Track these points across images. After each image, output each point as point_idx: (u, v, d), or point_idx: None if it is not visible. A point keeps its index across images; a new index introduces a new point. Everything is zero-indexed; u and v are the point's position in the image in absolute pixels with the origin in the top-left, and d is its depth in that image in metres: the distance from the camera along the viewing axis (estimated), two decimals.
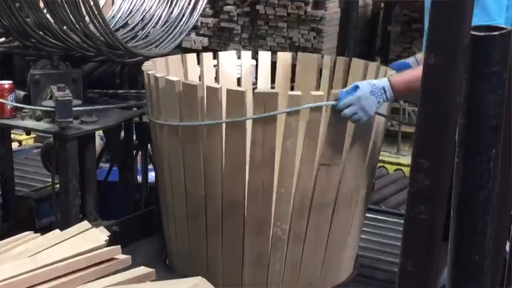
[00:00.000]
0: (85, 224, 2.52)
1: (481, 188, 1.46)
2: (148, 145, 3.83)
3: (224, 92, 2.88)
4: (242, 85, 3.60)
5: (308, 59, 3.64)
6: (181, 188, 3.11)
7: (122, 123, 3.59)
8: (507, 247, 1.86)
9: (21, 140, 5.97)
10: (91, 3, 3.19)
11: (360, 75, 3.39)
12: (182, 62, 3.49)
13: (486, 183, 1.46)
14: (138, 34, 3.82)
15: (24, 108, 3.30)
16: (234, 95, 2.87)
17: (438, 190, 1.57)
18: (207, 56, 3.58)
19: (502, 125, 1.46)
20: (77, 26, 3.28)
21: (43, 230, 2.73)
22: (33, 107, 3.29)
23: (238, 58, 3.65)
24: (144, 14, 3.93)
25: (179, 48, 3.94)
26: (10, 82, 3.35)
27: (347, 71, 3.48)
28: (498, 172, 1.48)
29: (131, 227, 3.66)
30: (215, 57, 3.62)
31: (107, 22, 3.37)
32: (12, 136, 4.08)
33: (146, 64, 3.27)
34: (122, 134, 3.82)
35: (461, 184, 1.48)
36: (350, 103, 2.85)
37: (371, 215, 4.49)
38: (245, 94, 2.86)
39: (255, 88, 3.56)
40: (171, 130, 3.05)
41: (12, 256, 2.34)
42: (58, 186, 3.40)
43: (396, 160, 5.86)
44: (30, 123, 3.31)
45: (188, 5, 3.88)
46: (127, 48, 3.46)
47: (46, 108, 3.21)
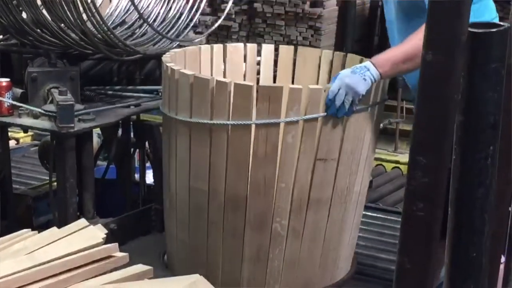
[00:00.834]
0: (82, 222, 2.52)
1: (479, 185, 1.46)
2: (146, 143, 3.83)
3: (232, 86, 2.88)
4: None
5: (308, 53, 3.66)
6: (185, 183, 3.12)
7: (120, 121, 3.58)
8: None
9: (18, 138, 5.95)
10: (89, 1, 3.19)
11: None
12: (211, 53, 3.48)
13: (484, 180, 1.46)
14: (136, 32, 3.82)
15: (24, 107, 3.29)
16: (242, 89, 2.88)
17: (435, 187, 1.57)
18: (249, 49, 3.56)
19: (500, 122, 1.46)
20: (74, 24, 3.27)
21: (41, 228, 2.72)
22: (33, 108, 3.27)
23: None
24: (142, 12, 3.92)
25: (178, 46, 3.93)
26: (8, 80, 3.34)
27: (344, 66, 3.49)
28: (496, 169, 1.48)
29: (129, 225, 3.66)
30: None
31: (104, 19, 3.36)
32: (9, 134, 4.07)
33: (167, 55, 3.25)
34: (120, 132, 3.82)
35: (459, 182, 1.48)
36: (336, 88, 2.85)
37: (369, 213, 4.49)
38: (252, 88, 2.87)
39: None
40: (182, 124, 3.06)
41: (9, 253, 2.34)
42: (55, 184, 3.40)
43: (394, 158, 5.85)
44: (28, 121, 3.31)
45: (186, 3, 3.88)
46: (125, 46, 3.45)
47: (47, 113, 3.20)
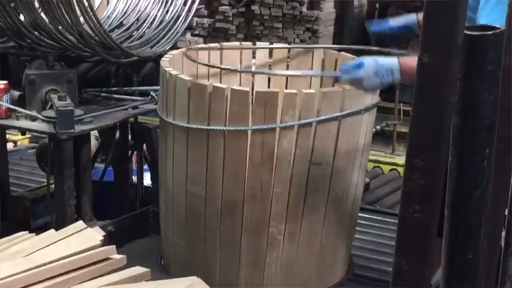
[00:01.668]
0: (80, 224, 2.52)
1: (475, 187, 1.47)
2: (144, 145, 3.83)
3: (228, 92, 2.89)
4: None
5: (301, 54, 3.67)
6: (182, 188, 3.12)
7: (117, 124, 3.58)
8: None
9: (16, 140, 5.95)
10: (85, 4, 3.19)
11: None
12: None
13: (480, 182, 1.47)
14: (133, 34, 3.82)
15: (23, 112, 3.29)
16: (238, 95, 2.89)
17: (432, 189, 1.57)
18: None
19: (496, 124, 1.47)
20: (72, 26, 3.27)
21: (38, 230, 2.73)
22: (31, 113, 3.27)
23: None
24: (139, 14, 3.93)
25: (175, 48, 3.93)
26: (5, 82, 3.35)
27: (335, 65, 3.51)
28: (492, 171, 1.48)
29: (126, 227, 3.66)
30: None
31: (101, 22, 3.37)
32: (7, 136, 4.08)
33: (165, 58, 3.26)
34: (117, 134, 3.82)
35: (455, 183, 1.48)
36: (351, 81, 2.77)
37: (366, 215, 4.49)
38: (249, 93, 2.88)
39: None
40: (179, 129, 3.06)
41: (7, 256, 2.34)
42: (53, 186, 3.40)
43: (391, 160, 5.86)
44: (25, 123, 3.31)
45: (184, 5, 3.88)
46: (121, 48, 3.46)
47: (47, 120, 3.20)
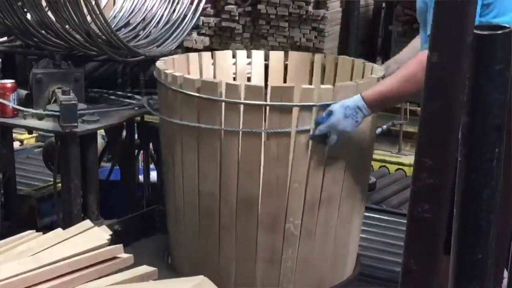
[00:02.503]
0: (87, 223, 2.52)
1: (484, 186, 1.46)
2: (150, 144, 3.83)
3: (243, 88, 2.90)
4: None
5: (299, 58, 3.66)
6: (194, 188, 3.11)
7: (124, 123, 3.59)
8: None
9: (22, 139, 5.96)
10: (93, 2, 3.19)
11: (348, 72, 3.44)
12: (187, 62, 3.49)
13: (489, 182, 1.46)
14: (140, 33, 3.82)
15: (28, 111, 3.30)
16: (253, 91, 2.89)
17: (441, 188, 1.56)
18: (207, 56, 3.57)
19: (505, 123, 1.46)
20: (79, 25, 3.28)
21: (45, 229, 2.73)
22: (37, 111, 3.28)
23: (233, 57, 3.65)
24: (145, 13, 3.94)
25: (181, 47, 3.93)
26: (12, 81, 3.35)
27: (336, 69, 3.51)
28: (501, 171, 1.48)
29: (133, 226, 3.66)
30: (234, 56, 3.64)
31: (108, 21, 3.37)
32: (13, 135, 4.08)
33: (160, 62, 3.26)
34: (124, 133, 3.82)
35: (464, 183, 1.48)
36: (326, 131, 2.87)
37: (373, 215, 4.49)
38: (262, 89, 2.89)
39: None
40: (187, 129, 3.05)
41: (14, 255, 2.34)
42: (59, 185, 3.40)
43: (397, 159, 5.85)
44: (32, 122, 3.32)
45: (191, 4, 3.88)
46: (128, 48, 3.46)
47: (51, 113, 3.21)
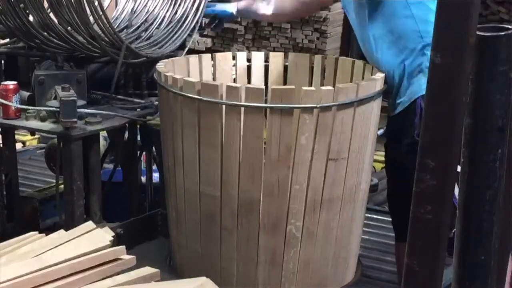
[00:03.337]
0: (90, 224, 2.52)
1: (487, 188, 1.46)
2: (153, 146, 3.83)
3: (243, 91, 2.90)
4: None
5: (299, 59, 3.67)
6: (195, 190, 3.11)
7: (126, 124, 3.59)
8: None
9: (25, 140, 5.97)
10: (95, 4, 3.20)
11: (348, 73, 3.44)
12: (188, 64, 3.49)
13: (492, 183, 1.46)
14: (142, 35, 3.82)
15: (28, 109, 3.31)
16: (253, 93, 2.89)
17: (443, 190, 1.57)
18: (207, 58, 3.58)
19: (508, 125, 1.47)
20: (81, 27, 3.28)
21: (47, 231, 2.73)
22: (36, 108, 3.29)
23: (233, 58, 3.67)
24: (147, 15, 3.93)
25: (182, 48, 3.93)
26: (15, 82, 3.36)
27: (335, 70, 3.52)
28: (504, 171, 1.48)
29: (135, 230, 3.65)
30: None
31: (111, 22, 3.37)
32: (16, 136, 4.09)
33: (160, 65, 3.27)
34: (126, 134, 3.82)
35: (467, 184, 1.48)
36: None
37: (375, 216, 4.48)
38: (263, 91, 2.89)
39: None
40: (188, 132, 3.05)
41: (17, 256, 2.34)
42: (62, 186, 3.40)
43: None
44: (34, 124, 3.32)
45: (192, 6, 3.88)
46: (130, 49, 3.46)
47: (51, 108, 3.22)
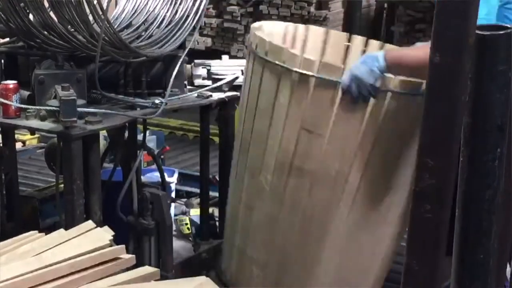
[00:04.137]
0: (89, 223, 2.53)
1: (486, 187, 1.47)
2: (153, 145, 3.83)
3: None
4: None
5: (337, 37, 3.80)
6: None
7: (126, 123, 3.59)
8: None
9: (25, 140, 5.98)
10: (95, 3, 3.20)
11: None
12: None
13: (491, 182, 1.47)
14: (142, 34, 3.82)
15: (28, 108, 3.31)
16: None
17: (443, 189, 1.57)
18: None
19: (507, 124, 1.47)
20: (81, 26, 3.28)
21: (47, 230, 2.73)
22: (36, 107, 3.29)
23: None
24: (148, 14, 3.93)
25: (182, 48, 3.93)
26: (15, 82, 3.35)
27: (364, 51, 3.65)
28: (503, 171, 1.48)
29: None
30: None
31: (110, 22, 3.37)
32: (16, 136, 4.09)
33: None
34: (126, 134, 3.82)
35: (466, 183, 1.48)
36: (347, 81, 2.90)
37: None
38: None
39: None
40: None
41: (17, 255, 2.35)
42: (62, 186, 3.41)
43: None
44: (34, 123, 3.32)
45: (193, 5, 3.88)
46: (130, 49, 3.46)
47: (51, 108, 3.22)
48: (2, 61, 3.69)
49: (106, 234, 2.45)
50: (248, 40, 3.41)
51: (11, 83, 3.33)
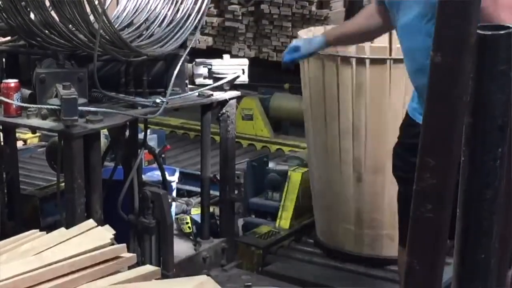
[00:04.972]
0: (90, 222, 2.52)
1: (487, 187, 1.46)
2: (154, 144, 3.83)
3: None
4: None
5: None
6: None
7: (127, 122, 3.59)
8: None
9: (26, 139, 5.98)
10: (96, 2, 3.20)
11: None
12: None
13: (492, 182, 1.46)
14: (143, 33, 3.82)
15: (29, 107, 3.31)
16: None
17: (444, 188, 1.57)
18: None
19: (509, 124, 1.46)
20: (82, 25, 3.28)
21: (48, 229, 2.73)
22: (37, 106, 3.29)
23: None
24: (149, 13, 3.93)
25: (183, 47, 3.93)
26: (16, 81, 3.36)
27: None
28: (504, 170, 1.48)
29: None
30: None
31: (111, 21, 3.37)
32: (17, 135, 4.09)
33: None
34: (127, 133, 3.82)
35: (467, 183, 1.48)
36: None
37: None
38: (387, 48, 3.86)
39: None
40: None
41: (17, 254, 2.34)
42: (63, 184, 3.41)
43: None
44: (35, 122, 3.32)
45: (194, 4, 3.88)
46: (131, 48, 3.46)
47: (51, 106, 3.22)
48: (3, 59, 3.69)
49: (107, 233, 2.44)
50: None
51: (12, 82, 3.33)
